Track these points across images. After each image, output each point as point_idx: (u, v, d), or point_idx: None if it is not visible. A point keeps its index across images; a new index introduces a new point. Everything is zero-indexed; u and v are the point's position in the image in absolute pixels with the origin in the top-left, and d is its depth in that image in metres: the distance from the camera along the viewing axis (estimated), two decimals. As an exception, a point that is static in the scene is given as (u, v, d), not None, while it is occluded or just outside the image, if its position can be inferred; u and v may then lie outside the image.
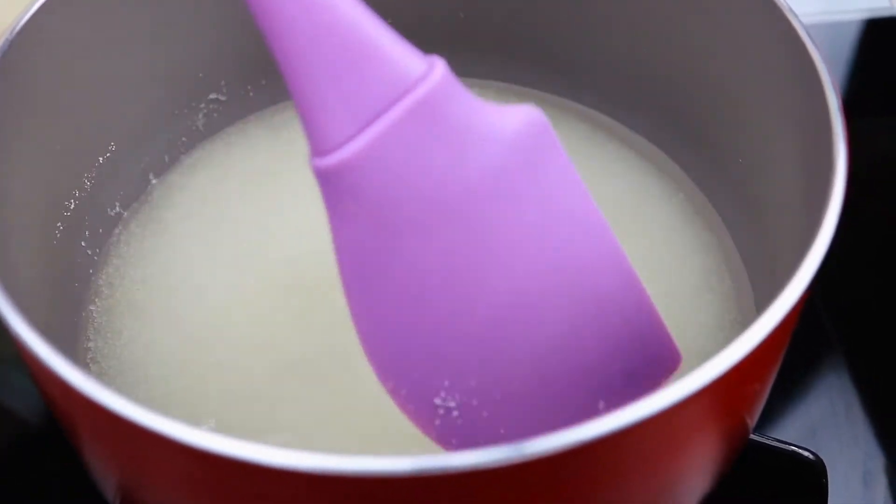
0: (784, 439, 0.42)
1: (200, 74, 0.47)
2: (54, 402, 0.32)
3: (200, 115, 0.48)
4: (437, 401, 0.32)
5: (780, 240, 0.39)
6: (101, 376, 0.40)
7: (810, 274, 0.30)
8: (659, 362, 0.35)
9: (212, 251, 0.44)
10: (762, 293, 0.41)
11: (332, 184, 0.30)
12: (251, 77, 0.48)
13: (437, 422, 0.33)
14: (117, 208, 0.45)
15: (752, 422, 0.36)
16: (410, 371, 0.32)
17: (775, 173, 0.40)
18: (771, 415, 0.46)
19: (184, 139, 0.47)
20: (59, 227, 0.41)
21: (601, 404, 0.33)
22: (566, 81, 0.49)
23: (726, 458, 0.35)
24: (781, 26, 0.37)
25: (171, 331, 0.41)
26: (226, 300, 0.42)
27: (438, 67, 0.30)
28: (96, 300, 0.43)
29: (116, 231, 0.45)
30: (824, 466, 0.40)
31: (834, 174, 0.33)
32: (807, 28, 0.37)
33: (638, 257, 0.41)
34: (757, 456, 0.40)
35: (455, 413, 0.32)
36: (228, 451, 0.26)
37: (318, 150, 0.30)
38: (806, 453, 0.40)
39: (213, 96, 0.48)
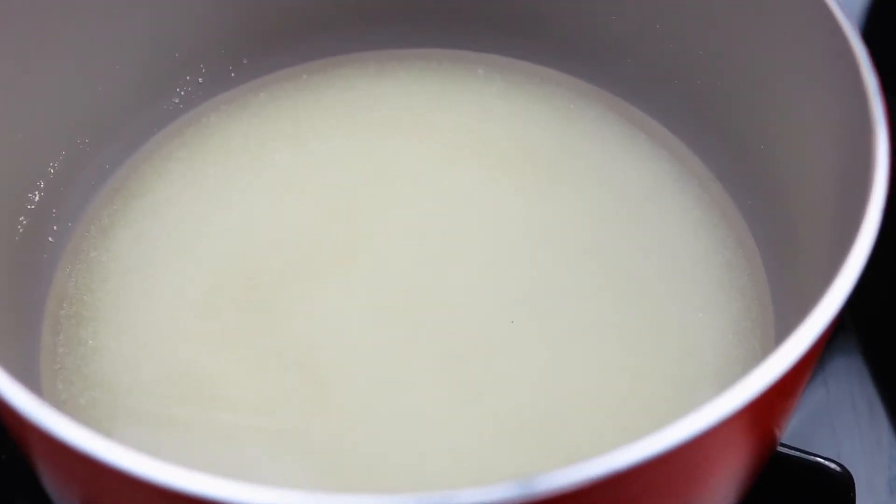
0: (806, 446, 0.40)
1: (176, 54, 0.45)
2: (12, 432, 0.29)
3: (177, 99, 0.46)
4: None
5: (804, 234, 0.37)
6: (70, 387, 0.38)
7: (852, 280, 0.28)
8: None
9: (192, 243, 0.42)
10: (783, 290, 0.39)
11: None
12: (232, 56, 0.47)
13: None
14: (88, 200, 0.43)
15: (781, 434, 0.34)
16: None
17: (801, 162, 0.38)
18: (792, 420, 0.44)
19: (159, 124, 0.46)
20: (22, 221, 0.39)
21: None
22: (575, 60, 0.47)
23: (753, 475, 0.33)
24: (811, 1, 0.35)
25: (147, 338, 0.39)
26: (207, 299, 0.40)
27: None
28: (64, 302, 0.40)
29: (88, 224, 0.43)
30: (852, 479, 0.39)
31: (873, 166, 0.30)
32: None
33: (648, 249, 0.42)
34: (781, 468, 0.38)
35: None
36: (200, 491, 0.24)
37: None
38: (832, 465, 0.39)
39: (190, 77, 0.46)
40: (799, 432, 0.44)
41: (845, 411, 0.45)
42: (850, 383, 0.46)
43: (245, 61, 0.47)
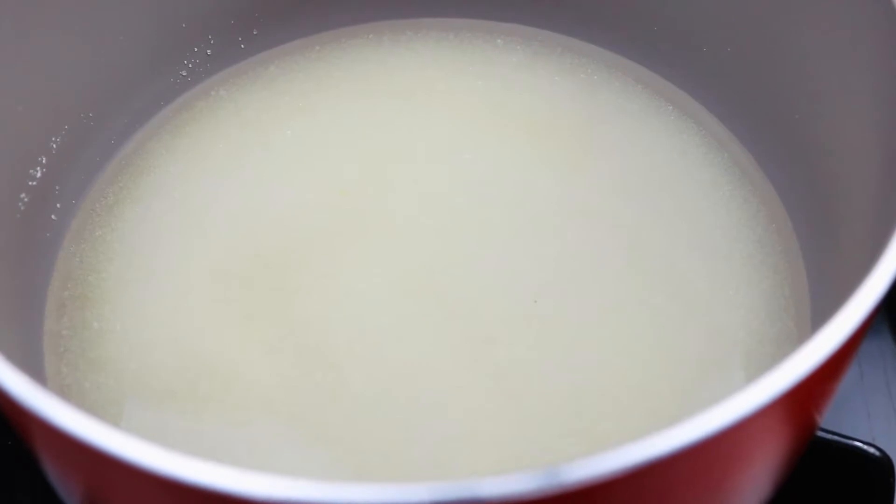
0: (840, 430, 0.39)
1: (184, 25, 0.44)
2: (12, 421, 0.28)
3: (184, 71, 0.46)
4: None
5: (842, 208, 0.36)
6: (74, 371, 0.37)
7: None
8: None
9: (201, 221, 0.41)
10: (818, 267, 0.39)
11: None
12: (242, 27, 0.46)
13: None
14: (93, 177, 0.43)
15: (822, 419, 0.32)
16: None
17: (840, 132, 0.37)
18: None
19: (166, 97, 0.45)
20: (24, 198, 0.38)
21: None
22: (598, 28, 0.47)
23: (792, 460, 0.32)
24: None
25: (155, 320, 0.39)
26: (216, 280, 0.39)
27: None
28: (68, 283, 0.40)
29: (93, 202, 0.42)
30: (891, 463, 0.38)
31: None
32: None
33: (677, 225, 0.41)
34: (818, 452, 0.37)
35: None
36: (210, 483, 0.23)
37: None
38: (871, 449, 0.38)
39: (198, 49, 0.46)
40: (832, 415, 0.42)
41: (879, 394, 0.44)
42: (885, 367, 0.45)
43: (255, 32, 0.46)
